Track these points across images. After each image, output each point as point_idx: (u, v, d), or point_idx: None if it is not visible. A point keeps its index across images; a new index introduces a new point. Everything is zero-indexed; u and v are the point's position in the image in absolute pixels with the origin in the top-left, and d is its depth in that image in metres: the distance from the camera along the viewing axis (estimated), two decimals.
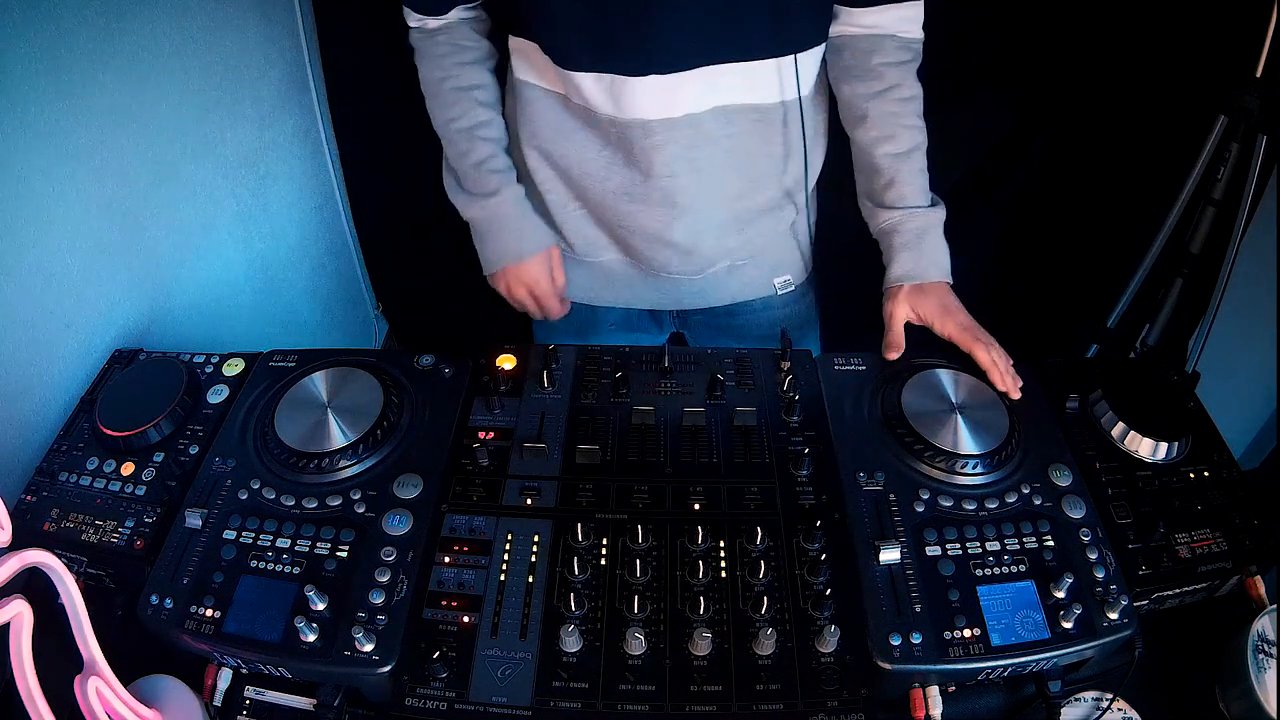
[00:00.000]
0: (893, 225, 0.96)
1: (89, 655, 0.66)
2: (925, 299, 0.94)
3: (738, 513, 0.81)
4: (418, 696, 0.70)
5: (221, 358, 0.97)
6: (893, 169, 0.95)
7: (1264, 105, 1.22)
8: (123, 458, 0.86)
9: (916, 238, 0.95)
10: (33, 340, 0.95)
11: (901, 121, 0.95)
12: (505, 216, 1.01)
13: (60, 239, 0.98)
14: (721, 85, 0.90)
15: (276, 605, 0.73)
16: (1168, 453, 0.86)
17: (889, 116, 0.95)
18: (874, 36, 0.95)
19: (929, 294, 0.94)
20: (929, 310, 0.93)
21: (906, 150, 0.95)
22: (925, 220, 0.95)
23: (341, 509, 0.80)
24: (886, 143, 0.95)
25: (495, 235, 1.02)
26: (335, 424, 0.84)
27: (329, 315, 1.76)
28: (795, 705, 0.69)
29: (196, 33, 1.19)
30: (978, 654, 0.70)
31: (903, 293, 0.94)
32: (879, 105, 0.95)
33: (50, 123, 0.95)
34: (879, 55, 0.94)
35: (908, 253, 0.95)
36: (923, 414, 0.85)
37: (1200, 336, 1.39)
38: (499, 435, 0.88)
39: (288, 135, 1.50)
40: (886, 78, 0.94)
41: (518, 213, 1.01)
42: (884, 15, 0.93)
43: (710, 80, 0.89)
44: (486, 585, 0.76)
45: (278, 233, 1.50)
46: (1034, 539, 0.77)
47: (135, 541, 0.80)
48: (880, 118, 0.95)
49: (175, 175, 1.19)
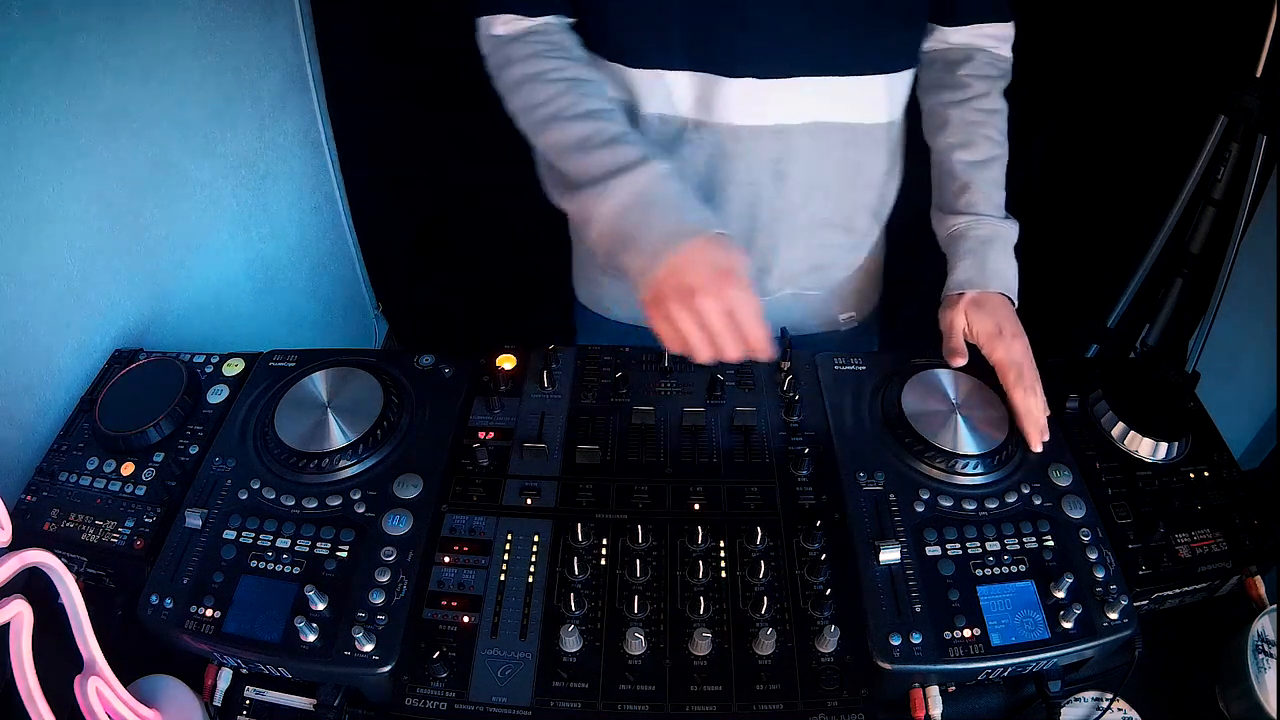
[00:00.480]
0: (960, 231, 0.92)
1: (89, 655, 0.66)
2: (982, 314, 0.87)
3: (738, 513, 0.81)
4: (418, 696, 0.70)
5: (221, 358, 0.97)
6: (967, 175, 0.93)
7: (1264, 105, 1.22)
8: (123, 458, 0.86)
9: (982, 245, 0.90)
10: (33, 340, 0.95)
11: (982, 130, 0.94)
12: (664, 190, 0.78)
13: (60, 239, 0.98)
14: (816, 98, 0.88)
15: (276, 605, 0.73)
16: (1168, 453, 0.86)
17: (970, 124, 0.94)
18: (965, 48, 0.96)
19: (987, 309, 0.88)
20: (983, 328, 0.87)
21: (983, 159, 0.93)
22: (994, 230, 0.91)
23: (341, 509, 0.80)
24: (964, 149, 0.94)
25: (656, 212, 0.77)
26: (335, 424, 0.84)
27: (329, 315, 1.76)
28: (795, 705, 0.69)
29: (196, 33, 1.19)
30: (978, 654, 0.70)
31: (962, 302, 0.89)
32: (961, 112, 0.94)
33: (50, 123, 0.95)
34: (967, 67, 0.95)
35: (970, 259, 0.90)
36: (923, 414, 0.85)
37: (1200, 336, 1.39)
38: (499, 435, 0.88)
39: (288, 135, 1.50)
40: (972, 88, 0.94)
41: (679, 186, 0.79)
42: (975, 33, 0.94)
43: (803, 91, 0.87)
44: (486, 585, 0.76)
45: (278, 233, 1.50)
46: (1034, 539, 0.77)
47: (135, 541, 0.80)
48: (961, 124, 0.94)
49: (175, 175, 1.19)
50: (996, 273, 0.90)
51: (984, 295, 0.89)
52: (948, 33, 0.95)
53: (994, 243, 0.91)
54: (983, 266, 0.90)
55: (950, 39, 0.96)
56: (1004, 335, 0.86)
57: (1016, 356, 0.85)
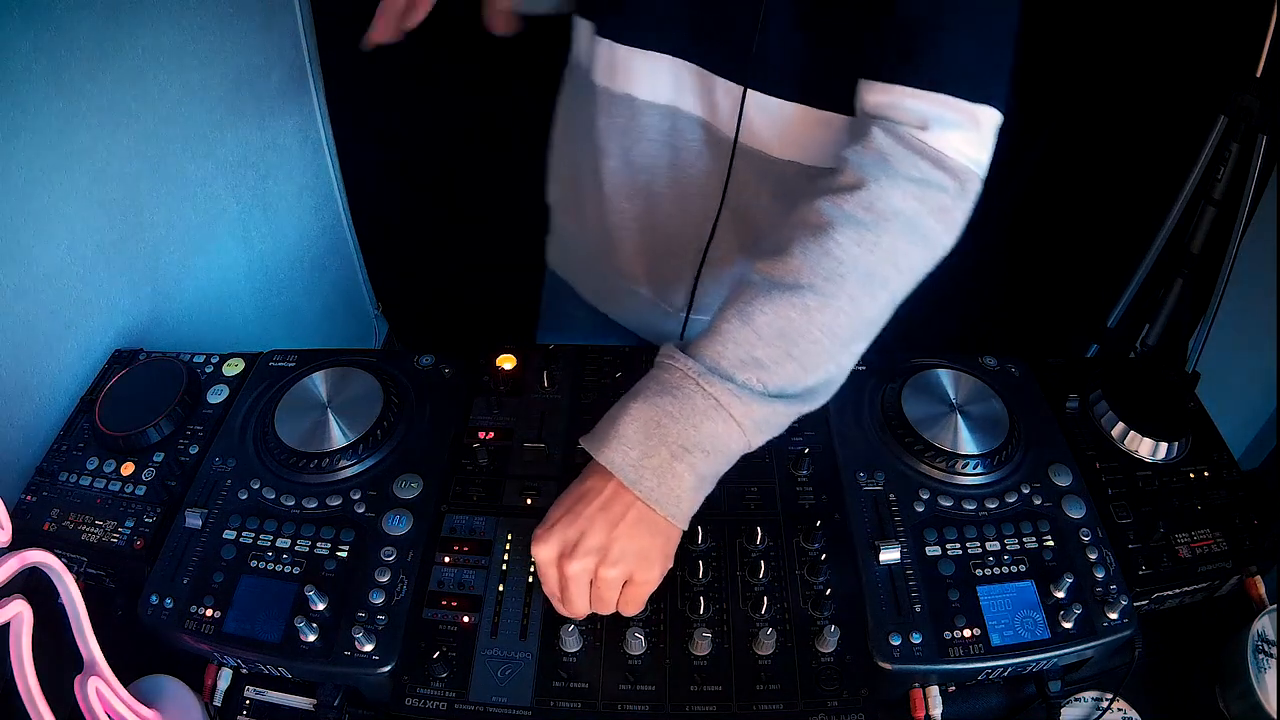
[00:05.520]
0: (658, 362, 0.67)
1: (89, 655, 0.66)
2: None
3: (738, 513, 0.81)
4: (418, 696, 0.70)
5: (221, 358, 0.97)
6: (726, 310, 0.66)
7: (1264, 105, 1.22)
8: (123, 458, 0.86)
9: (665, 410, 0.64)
10: (33, 340, 0.95)
11: (802, 250, 0.64)
12: None
13: (60, 239, 0.98)
14: (677, 82, 0.82)
15: (276, 605, 0.73)
16: (1168, 453, 0.86)
17: (791, 232, 0.66)
18: (871, 118, 0.69)
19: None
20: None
21: (781, 283, 0.64)
22: (706, 401, 0.63)
23: (341, 509, 0.80)
24: (763, 261, 0.66)
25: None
26: (335, 424, 0.84)
27: (329, 315, 1.76)
28: (795, 705, 0.69)
29: (196, 32, 1.19)
30: (978, 654, 0.70)
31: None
32: (802, 208, 0.67)
33: (50, 123, 0.95)
34: (855, 145, 0.68)
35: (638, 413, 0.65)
36: (923, 414, 0.85)
37: (1200, 336, 1.39)
38: (499, 435, 0.88)
39: (288, 135, 1.50)
40: (840, 175, 0.67)
41: None
42: (892, 98, 0.67)
43: (663, 68, 0.82)
44: (486, 585, 0.76)
45: (278, 233, 1.50)
46: (1034, 539, 0.77)
47: (135, 541, 0.80)
48: (786, 226, 0.67)
49: (175, 175, 1.19)
50: (659, 474, 0.64)
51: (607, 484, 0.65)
52: (866, 91, 0.69)
53: (686, 416, 0.63)
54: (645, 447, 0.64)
55: (865, 102, 0.70)
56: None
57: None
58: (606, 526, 0.64)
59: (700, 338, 0.66)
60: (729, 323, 0.65)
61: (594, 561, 0.64)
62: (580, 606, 0.67)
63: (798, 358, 0.64)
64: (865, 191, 0.65)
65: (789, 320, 0.63)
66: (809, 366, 0.64)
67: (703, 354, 0.65)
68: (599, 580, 0.65)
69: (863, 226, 0.64)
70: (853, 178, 0.66)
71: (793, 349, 0.64)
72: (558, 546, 0.65)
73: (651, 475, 0.64)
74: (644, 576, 0.66)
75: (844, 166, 0.67)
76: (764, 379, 0.64)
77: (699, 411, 0.63)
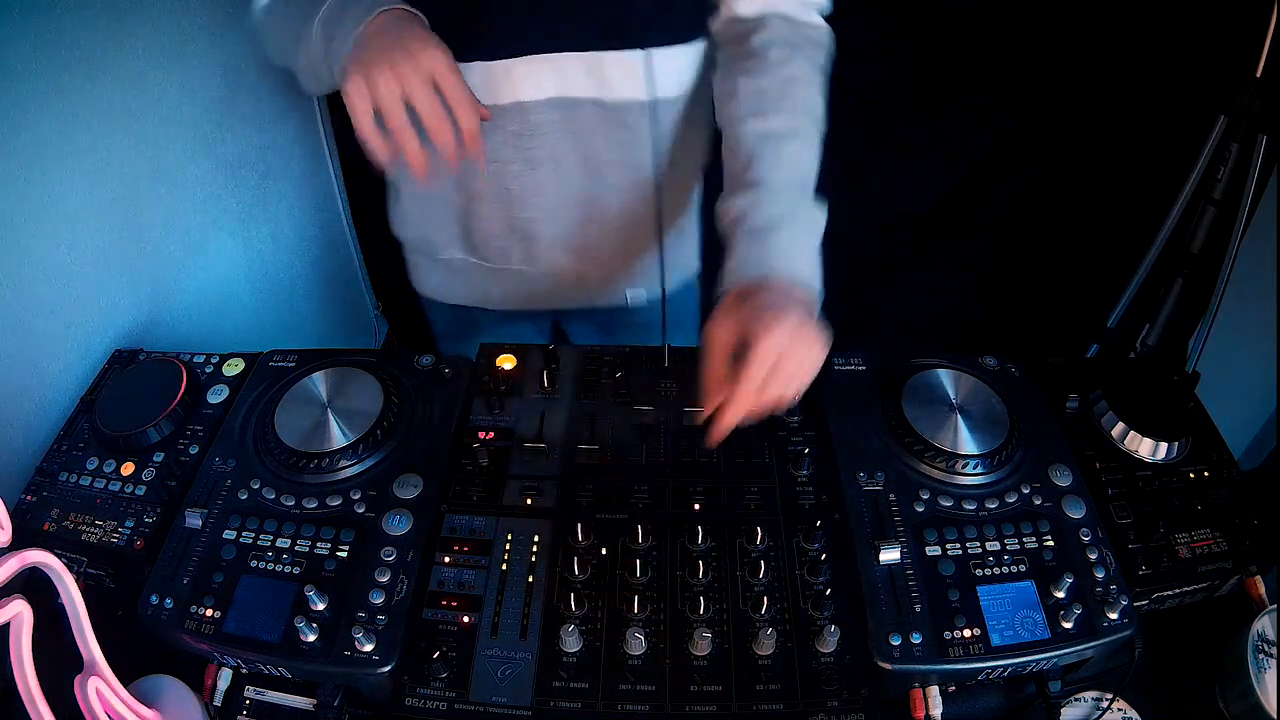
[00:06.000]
0: (741, 213, 0.75)
1: (89, 655, 0.66)
2: (752, 305, 0.69)
3: (738, 513, 0.81)
4: (418, 696, 0.70)
5: (221, 358, 0.97)
6: (755, 146, 0.77)
7: (1264, 105, 1.22)
8: (123, 458, 0.86)
9: (767, 229, 0.73)
10: (33, 340, 0.95)
11: (776, 99, 0.78)
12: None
13: (60, 239, 0.98)
14: (555, 76, 0.84)
15: (276, 605, 0.73)
16: (1168, 453, 0.86)
17: (762, 93, 0.79)
18: (757, 18, 0.83)
19: (761, 299, 0.69)
20: (749, 315, 0.68)
21: (779, 130, 0.77)
22: (785, 209, 0.74)
23: (341, 509, 0.80)
24: (754, 119, 0.78)
25: (353, 6, 0.73)
26: (335, 424, 0.84)
27: (329, 315, 1.76)
28: (795, 705, 0.69)
29: (196, 32, 1.19)
30: (978, 654, 0.70)
31: (727, 299, 0.71)
32: (751, 81, 0.79)
33: (50, 122, 0.95)
34: (760, 33, 0.81)
35: (750, 245, 0.73)
36: (923, 414, 0.85)
37: (1200, 336, 1.39)
38: (499, 435, 0.88)
39: (288, 135, 1.50)
40: (766, 55, 0.80)
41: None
42: (767, 1, 0.82)
43: (538, 68, 0.83)
44: (486, 585, 0.76)
45: (278, 232, 1.50)
46: (1034, 539, 0.77)
47: (135, 541, 0.80)
48: (751, 94, 0.79)
49: (175, 175, 1.19)
50: (782, 255, 0.72)
51: (761, 284, 0.70)
52: (736, 4, 0.84)
53: (780, 227, 0.73)
54: (764, 254, 0.72)
55: (740, 10, 0.84)
56: (770, 324, 0.66)
57: (769, 350, 0.66)
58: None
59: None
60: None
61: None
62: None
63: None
64: (791, 65, 0.81)
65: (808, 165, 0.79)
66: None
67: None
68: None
69: (803, 83, 0.82)
70: (778, 55, 0.81)
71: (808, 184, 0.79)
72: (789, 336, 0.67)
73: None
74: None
75: (762, 51, 0.81)
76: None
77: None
